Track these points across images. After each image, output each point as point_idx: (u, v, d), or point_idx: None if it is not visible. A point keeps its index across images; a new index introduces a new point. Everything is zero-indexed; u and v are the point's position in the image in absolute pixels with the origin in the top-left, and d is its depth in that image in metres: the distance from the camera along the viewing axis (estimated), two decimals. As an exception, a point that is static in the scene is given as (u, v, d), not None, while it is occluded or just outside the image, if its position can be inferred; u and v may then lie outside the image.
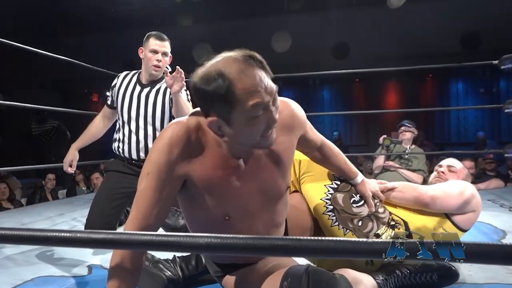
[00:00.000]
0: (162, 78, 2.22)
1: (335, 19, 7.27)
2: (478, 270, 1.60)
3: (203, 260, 1.51)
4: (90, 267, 1.81)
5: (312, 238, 0.63)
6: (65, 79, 8.86)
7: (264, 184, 1.14)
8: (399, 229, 1.44)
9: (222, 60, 0.97)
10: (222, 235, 0.61)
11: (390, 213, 1.48)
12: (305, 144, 1.30)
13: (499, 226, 2.35)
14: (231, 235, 0.63)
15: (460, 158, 4.90)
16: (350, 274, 1.27)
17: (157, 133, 2.20)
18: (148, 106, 2.17)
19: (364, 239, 0.96)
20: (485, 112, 8.67)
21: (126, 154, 2.17)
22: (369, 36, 7.15)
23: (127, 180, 2.10)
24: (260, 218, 1.16)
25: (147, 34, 2.21)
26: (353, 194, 1.45)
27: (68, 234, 0.66)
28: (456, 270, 1.46)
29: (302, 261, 1.43)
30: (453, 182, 1.66)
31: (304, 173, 1.50)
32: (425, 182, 3.91)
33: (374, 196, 1.48)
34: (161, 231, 1.25)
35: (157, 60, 2.15)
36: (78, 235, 0.66)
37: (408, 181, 3.68)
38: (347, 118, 9.35)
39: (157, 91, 2.19)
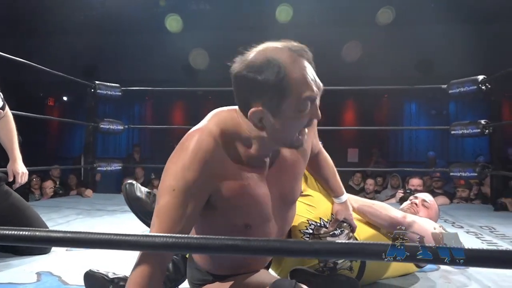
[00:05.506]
0: None
1: (297, 38, 7.46)
2: (420, 280, 1.70)
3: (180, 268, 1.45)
4: (38, 274, 1.76)
5: (263, 238, 0.68)
6: (18, 82, 8.52)
7: (284, 189, 1.10)
8: (356, 261, 1.47)
9: (271, 49, 0.93)
10: (177, 235, 0.64)
11: None
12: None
13: (442, 240, 2.50)
14: (186, 235, 0.66)
15: (410, 175, 5.18)
16: None
17: None
18: None
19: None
20: (436, 133, 9.10)
21: None
22: (330, 56, 7.40)
23: None
24: (274, 226, 1.11)
25: None
26: (337, 228, 1.46)
27: (26, 233, 0.68)
28: (358, 284, 1.42)
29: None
30: (430, 221, 1.71)
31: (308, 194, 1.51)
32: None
33: (348, 223, 1.48)
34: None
35: None
36: (37, 233, 0.68)
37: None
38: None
39: None
